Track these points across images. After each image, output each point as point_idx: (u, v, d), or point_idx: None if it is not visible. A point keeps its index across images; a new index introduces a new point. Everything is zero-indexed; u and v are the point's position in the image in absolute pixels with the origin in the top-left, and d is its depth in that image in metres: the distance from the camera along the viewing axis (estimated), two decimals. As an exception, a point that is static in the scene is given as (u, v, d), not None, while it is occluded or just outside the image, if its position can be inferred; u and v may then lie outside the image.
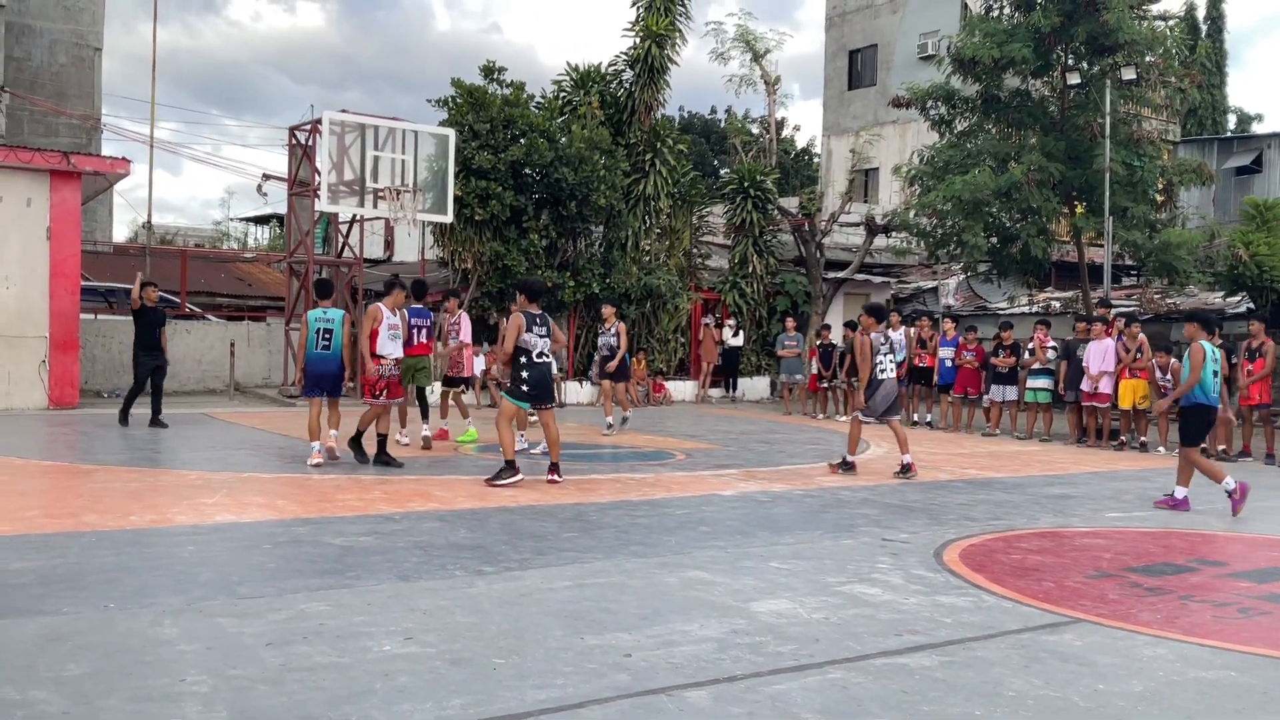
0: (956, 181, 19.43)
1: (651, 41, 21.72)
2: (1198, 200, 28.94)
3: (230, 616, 5.15)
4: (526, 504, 8.73)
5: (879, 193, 33.67)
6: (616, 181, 20.85)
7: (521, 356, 9.75)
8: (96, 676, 4.26)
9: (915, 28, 34.39)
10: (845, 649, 4.95)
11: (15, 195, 16.03)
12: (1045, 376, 16.07)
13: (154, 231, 26.69)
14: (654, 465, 11.70)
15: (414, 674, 4.39)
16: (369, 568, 6.26)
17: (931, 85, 21.59)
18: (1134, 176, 19.77)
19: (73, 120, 28.68)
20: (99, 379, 19.55)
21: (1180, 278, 20.62)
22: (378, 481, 9.77)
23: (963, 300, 26.91)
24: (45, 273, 16.20)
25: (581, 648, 4.82)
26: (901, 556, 7.07)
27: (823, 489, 10.22)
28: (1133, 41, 19.18)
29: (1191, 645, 5.18)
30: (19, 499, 8.34)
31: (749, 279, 24.15)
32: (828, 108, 38.06)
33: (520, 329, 9.69)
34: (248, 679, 4.27)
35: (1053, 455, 14.05)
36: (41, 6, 29.04)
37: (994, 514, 8.99)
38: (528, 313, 9.83)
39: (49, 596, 5.43)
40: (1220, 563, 7.28)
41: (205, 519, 7.64)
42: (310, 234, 20.50)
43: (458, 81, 20.31)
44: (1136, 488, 11.03)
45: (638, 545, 7.19)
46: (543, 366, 9.88)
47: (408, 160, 18.78)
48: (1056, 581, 6.47)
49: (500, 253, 19.76)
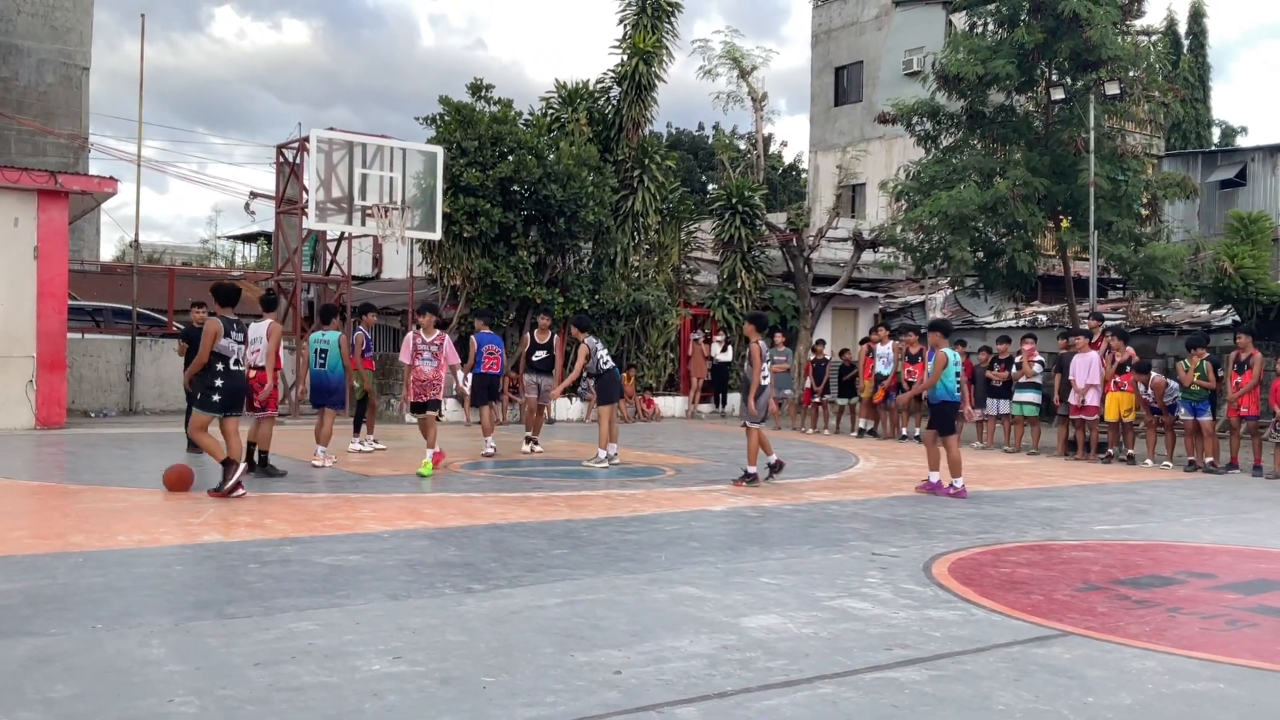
0: (942, 197, 19.54)
1: (639, 59, 21.81)
2: (1182, 214, 29.15)
3: (218, 636, 5.13)
4: (516, 521, 8.72)
5: (866, 208, 33.82)
6: (605, 198, 20.90)
7: (218, 364, 9.56)
8: (85, 697, 4.24)
9: (900, 44, 34.60)
10: (835, 664, 4.95)
11: (3, 215, 15.98)
12: (1032, 390, 16.13)
13: (141, 250, 26.61)
14: (644, 481, 11.69)
15: (403, 693, 4.38)
16: (358, 586, 6.25)
17: (917, 101, 21.74)
18: (1118, 191, 19.91)
19: (60, 140, 28.62)
20: (86, 398, 19.47)
21: (1166, 291, 20.76)
22: (366, 500, 9.75)
23: (950, 314, 27.01)
24: (33, 292, 16.15)
25: (571, 665, 4.81)
26: (891, 570, 7.08)
27: (812, 504, 10.23)
28: (1116, 57, 19.36)
29: (1180, 658, 5.19)
30: (6, 520, 8.29)
31: (738, 294, 24.20)
32: (814, 123, 38.25)
33: (217, 334, 9.47)
34: (236, 699, 4.26)
35: (1041, 468, 14.09)
36: (29, 26, 29.02)
37: (982, 527, 9.01)
38: (225, 318, 9.64)
39: (36, 617, 5.40)
40: (1208, 575, 7.30)
41: (193, 538, 7.61)
42: (298, 252, 20.49)
43: (446, 99, 20.36)
44: (1124, 500, 11.07)
45: (628, 561, 7.18)
46: (239, 376, 9.73)
47: (396, 178, 18.80)
48: (1045, 594, 6.49)
49: (489, 269, 19.77)
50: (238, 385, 9.76)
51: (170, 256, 51.13)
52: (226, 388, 9.62)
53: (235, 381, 9.70)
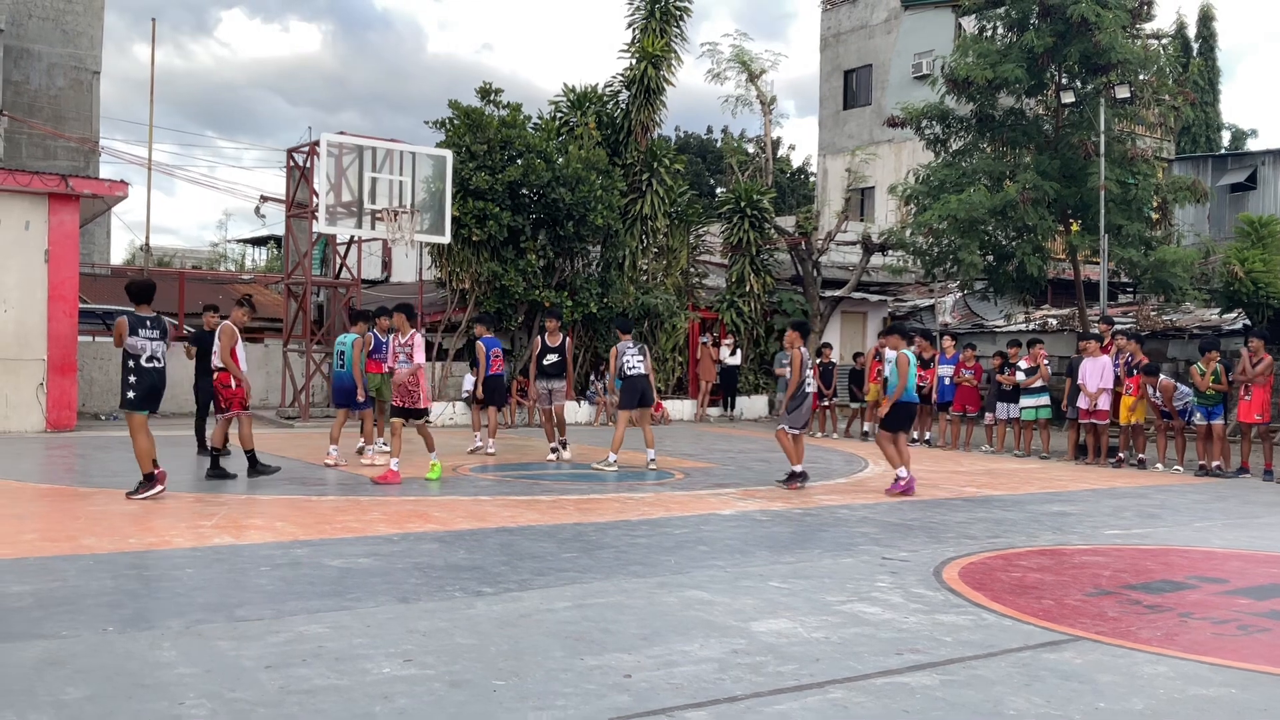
0: (952, 200, 19.50)
1: (647, 63, 21.84)
2: (1192, 218, 29.03)
3: (229, 639, 5.14)
4: (525, 524, 8.72)
5: (875, 212, 33.77)
6: (613, 201, 20.91)
7: (130, 361, 9.41)
8: (96, 700, 4.25)
9: (909, 48, 34.56)
10: (846, 668, 4.94)
11: (14, 218, 16.05)
12: (1043, 394, 16.09)
13: (151, 254, 26.72)
14: (653, 485, 11.69)
15: (414, 696, 4.38)
16: (368, 589, 6.25)
17: (926, 105, 21.70)
18: (1129, 194, 19.85)
19: (71, 143, 28.75)
20: (96, 401, 19.53)
21: (1176, 295, 20.68)
22: (376, 503, 9.76)
23: (959, 318, 26.98)
24: (43, 295, 16.21)
25: (581, 668, 4.81)
26: (901, 575, 7.06)
27: (821, 507, 10.21)
28: (1125, 61, 19.29)
29: (1191, 663, 5.17)
30: (17, 522, 8.32)
31: (746, 298, 24.20)
32: (823, 127, 38.22)
33: (123, 332, 9.28)
34: (247, 702, 4.26)
35: (1051, 473, 14.05)
36: (40, 30, 29.17)
37: (993, 532, 8.99)
38: (135, 315, 9.40)
39: (48, 620, 5.42)
40: (1220, 580, 7.27)
41: (204, 541, 7.63)
42: (308, 255, 20.54)
43: (455, 103, 20.40)
44: (1135, 505, 11.03)
45: (637, 565, 7.18)
46: (153, 373, 9.46)
47: (405, 181, 18.83)
48: (1056, 599, 6.47)
49: (498, 273, 19.80)
50: (153, 382, 9.52)
51: (180, 260, 51.34)
52: (140, 384, 9.43)
53: (149, 378, 9.48)
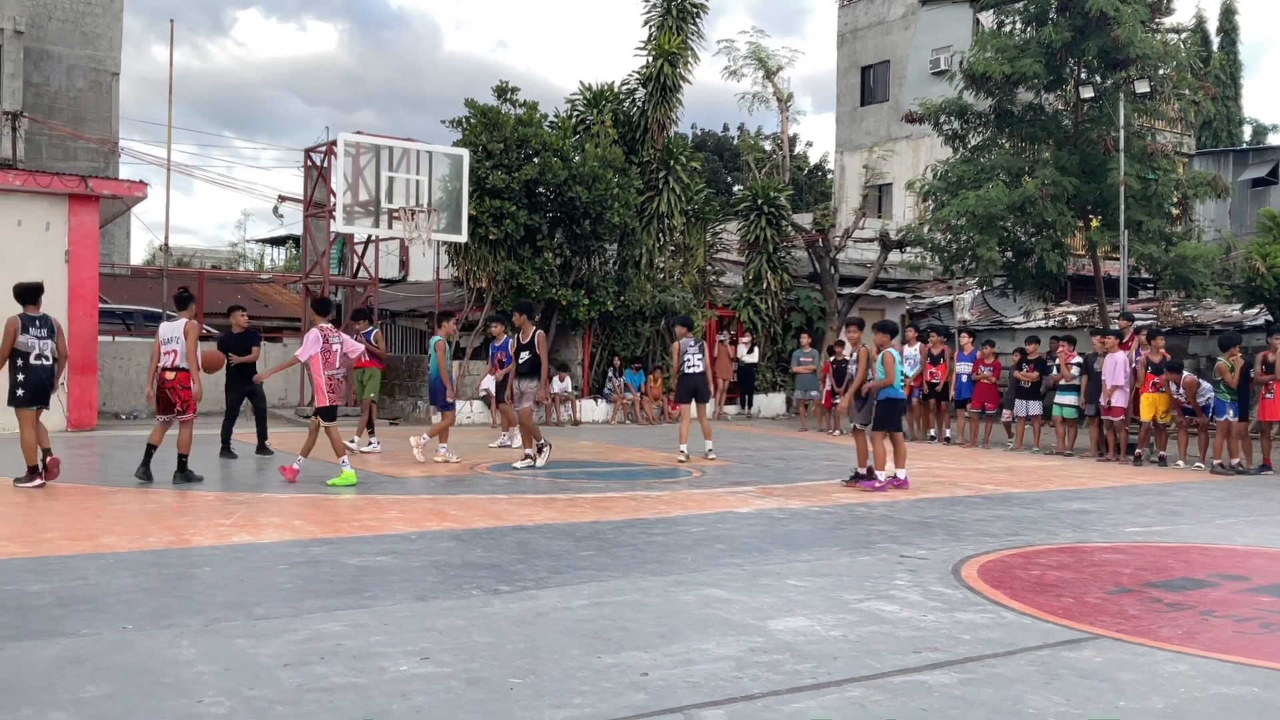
0: (970, 196, 19.41)
1: (664, 60, 21.81)
2: (1213, 213, 28.83)
3: (248, 637, 5.17)
4: (542, 522, 8.73)
5: (893, 208, 33.64)
6: (630, 199, 20.90)
7: (19, 359, 9.89)
8: (115, 698, 4.27)
9: (927, 43, 34.40)
10: (864, 667, 4.92)
11: (34, 219, 16.17)
12: (1071, 393, 15.97)
13: (171, 254, 26.86)
14: (670, 483, 11.68)
15: (431, 694, 4.39)
16: (386, 588, 6.27)
17: (944, 100, 21.59)
18: (1149, 190, 19.70)
19: (90, 144, 28.94)
20: (117, 401, 19.66)
21: (1197, 291, 20.53)
22: (393, 502, 9.79)
23: (978, 315, 26.83)
24: (64, 295, 16.31)
25: (598, 667, 4.81)
26: (919, 573, 7.03)
27: (839, 505, 10.18)
28: (1145, 55, 19.14)
29: (1213, 661, 5.13)
30: (38, 521, 8.39)
31: (763, 295, 24.14)
32: (840, 124, 38.08)
33: (15, 331, 9.83)
34: (266, 699, 4.28)
35: (1071, 470, 13.96)
36: (60, 32, 29.36)
37: (1012, 530, 8.94)
38: (25, 315, 9.98)
39: (68, 618, 5.45)
40: (1241, 577, 7.21)
41: (223, 540, 7.67)
42: (326, 255, 20.62)
43: (471, 102, 20.43)
44: (1156, 502, 10.95)
45: (654, 563, 7.17)
46: (42, 370, 10.00)
47: (422, 180, 18.89)
48: (1076, 597, 6.43)
49: (515, 271, 19.82)
50: (40, 379, 10.02)
51: (199, 260, 51.63)
52: (28, 382, 9.95)
53: (36, 375, 9.98)
